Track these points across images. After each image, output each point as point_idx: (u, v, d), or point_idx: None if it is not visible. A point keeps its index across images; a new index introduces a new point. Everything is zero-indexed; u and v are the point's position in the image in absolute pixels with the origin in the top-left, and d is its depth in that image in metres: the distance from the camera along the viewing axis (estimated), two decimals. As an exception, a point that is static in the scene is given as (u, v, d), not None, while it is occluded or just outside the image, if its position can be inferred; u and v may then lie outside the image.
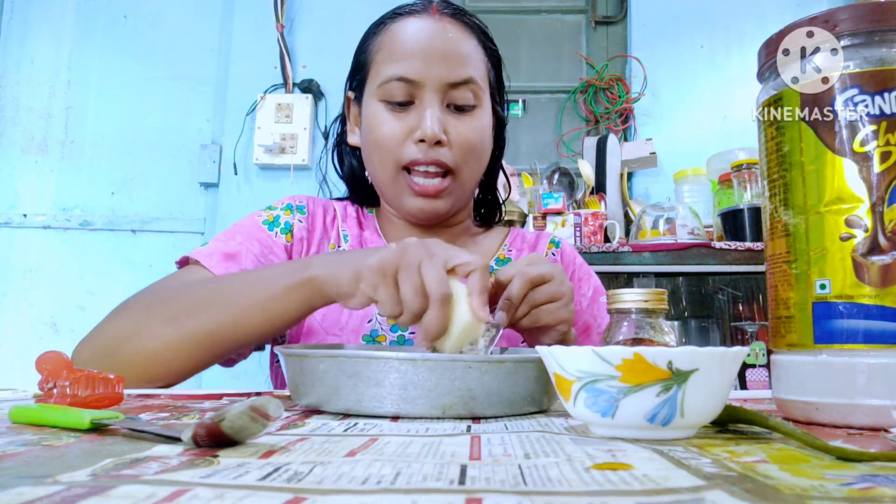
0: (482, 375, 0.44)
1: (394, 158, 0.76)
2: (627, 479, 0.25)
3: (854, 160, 0.42)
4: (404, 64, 0.74)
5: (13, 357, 2.18)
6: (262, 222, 0.80)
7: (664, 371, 0.34)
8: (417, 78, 0.74)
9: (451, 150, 0.75)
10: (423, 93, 0.74)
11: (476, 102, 0.77)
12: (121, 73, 2.37)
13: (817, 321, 0.42)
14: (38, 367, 0.48)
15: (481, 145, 0.78)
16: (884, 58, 0.42)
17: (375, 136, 0.76)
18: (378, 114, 0.76)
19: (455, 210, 0.82)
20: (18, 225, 2.29)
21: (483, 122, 0.78)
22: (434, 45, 0.75)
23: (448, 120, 0.75)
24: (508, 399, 0.45)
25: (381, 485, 0.24)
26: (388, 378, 0.44)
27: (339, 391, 0.45)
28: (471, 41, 0.78)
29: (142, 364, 0.62)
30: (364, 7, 1.55)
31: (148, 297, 0.67)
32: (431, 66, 0.74)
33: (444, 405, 0.44)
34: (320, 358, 0.46)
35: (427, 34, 0.75)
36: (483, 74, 0.79)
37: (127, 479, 0.24)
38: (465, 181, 0.78)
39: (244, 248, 0.75)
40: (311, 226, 0.83)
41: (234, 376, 2.04)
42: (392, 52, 0.76)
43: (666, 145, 2.20)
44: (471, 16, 0.82)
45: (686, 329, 1.76)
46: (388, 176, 0.77)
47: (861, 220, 0.41)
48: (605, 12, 2.42)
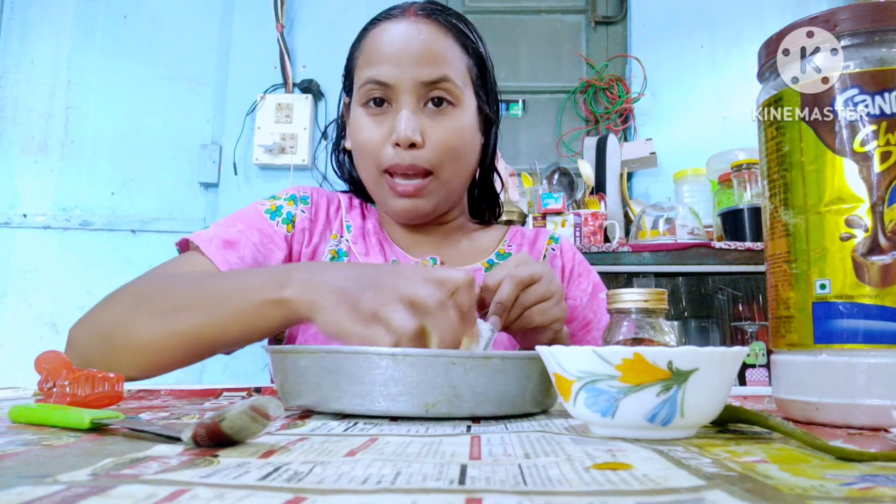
0: (467, 372, 0.42)
1: (375, 163, 0.76)
2: (627, 479, 0.25)
3: (854, 160, 0.42)
4: (378, 67, 0.75)
5: (13, 357, 2.18)
6: (264, 211, 0.80)
7: (664, 371, 0.34)
8: (391, 80, 0.75)
9: (429, 152, 0.75)
10: (399, 95, 0.75)
11: (454, 101, 0.77)
12: (121, 73, 2.37)
13: (817, 321, 0.42)
14: (37, 367, 0.48)
15: (462, 145, 0.78)
16: (884, 58, 0.42)
17: (356, 140, 0.78)
18: (359, 118, 0.78)
19: (442, 209, 0.82)
20: (18, 225, 2.29)
21: (463, 122, 0.78)
22: (407, 47, 0.75)
23: (424, 121, 0.75)
24: (496, 398, 0.43)
25: (381, 485, 0.24)
26: (369, 374, 0.42)
27: (321, 388, 0.43)
28: (446, 40, 0.78)
29: (131, 353, 0.63)
30: (364, 7, 1.55)
31: (141, 286, 0.67)
32: (404, 68, 0.74)
33: (427, 403, 0.42)
34: (301, 354, 0.45)
35: (400, 37, 0.76)
36: (461, 73, 0.78)
37: (127, 479, 0.24)
38: (448, 181, 0.78)
39: (244, 236, 0.75)
40: (314, 216, 0.84)
41: (234, 376, 2.05)
42: (368, 56, 0.77)
43: (666, 145, 2.20)
44: (449, 15, 0.81)
45: (686, 329, 1.76)
46: (372, 179, 0.79)
47: (861, 220, 0.41)
48: (605, 12, 2.42)
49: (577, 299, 0.85)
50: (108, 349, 0.63)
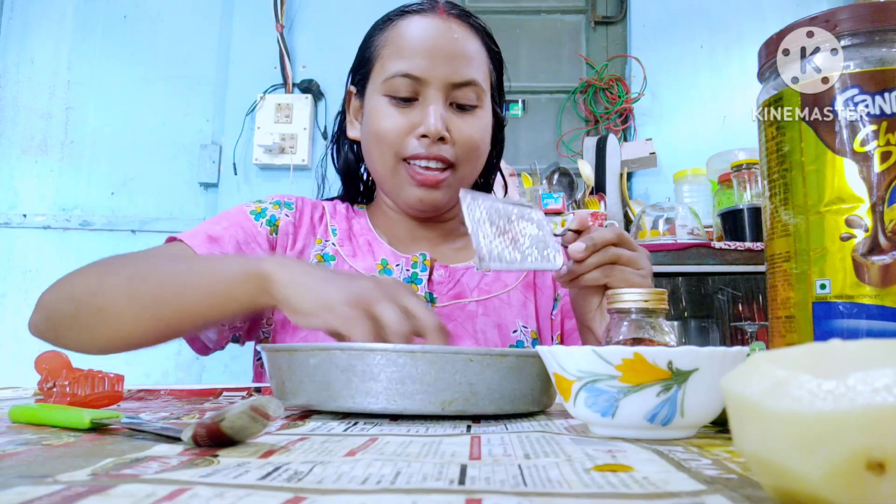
0: (484, 370, 0.42)
1: (394, 151, 0.77)
2: (627, 482, 0.25)
3: (854, 160, 0.42)
4: (410, 61, 0.76)
5: (13, 357, 2.18)
6: (249, 212, 0.82)
7: (664, 371, 0.34)
8: (422, 75, 0.75)
9: (453, 147, 0.77)
10: (427, 90, 0.76)
11: (478, 103, 0.79)
12: (121, 73, 2.37)
13: (817, 321, 0.42)
14: (37, 367, 0.48)
15: (482, 144, 0.80)
16: (884, 58, 0.42)
17: (377, 128, 0.78)
18: (381, 107, 0.78)
19: (452, 205, 0.83)
20: (18, 225, 2.29)
21: (484, 122, 0.80)
22: (440, 45, 0.76)
23: (450, 118, 0.77)
24: (510, 396, 0.44)
25: (381, 484, 0.24)
26: (385, 372, 0.42)
27: (330, 387, 0.43)
28: (475, 43, 0.80)
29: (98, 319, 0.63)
30: (364, 7, 1.55)
31: (117, 258, 0.70)
32: (436, 65, 0.75)
33: (444, 401, 0.42)
34: (311, 352, 0.44)
35: (433, 33, 0.77)
36: (485, 76, 0.80)
37: (127, 479, 0.24)
38: (464, 177, 0.80)
39: (228, 233, 0.77)
40: (298, 222, 0.84)
41: (234, 376, 2.05)
42: (399, 48, 0.78)
43: (666, 145, 2.20)
44: (476, 18, 0.84)
45: (686, 329, 1.76)
46: (387, 167, 0.78)
47: (861, 220, 0.41)
48: (605, 12, 2.42)
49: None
50: (76, 313, 0.63)
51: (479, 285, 0.82)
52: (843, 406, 0.18)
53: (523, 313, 0.81)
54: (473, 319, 0.78)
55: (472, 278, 0.82)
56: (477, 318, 0.79)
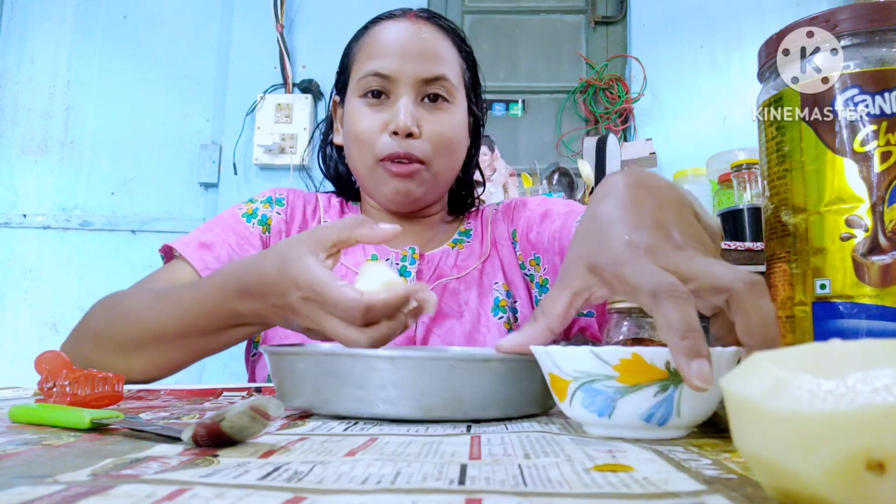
0: (469, 375, 0.41)
1: (371, 152, 0.79)
2: (627, 482, 0.25)
3: (854, 160, 0.42)
4: (380, 60, 0.79)
5: (13, 357, 2.18)
6: (241, 215, 0.83)
7: (662, 371, 0.34)
8: (392, 73, 0.78)
9: (424, 143, 0.78)
10: (398, 88, 0.78)
11: (449, 98, 0.81)
12: (121, 73, 2.37)
13: (817, 321, 0.42)
14: (37, 367, 0.48)
15: (455, 139, 0.82)
16: (884, 58, 0.42)
17: (354, 129, 0.80)
18: (357, 109, 0.81)
19: (429, 200, 0.85)
20: (18, 225, 2.29)
21: (456, 118, 0.82)
22: (409, 44, 0.80)
23: (422, 114, 0.79)
24: (499, 401, 0.42)
25: (381, 484, 0.24)
26: (367, 377, 0.41)
27: (320, 391, 0.43)
28: (445, 42, 0.83)
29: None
30: (364, 8, 1.55)
31: (102, 319, 0.70)
32: (406, 63, 0.78)
33: (427, 407, 0.41)
34: (300, 356, 0.44)
35: (403, 34, 0.81)
36: (457, 74, 0.83)
37: (127, 479, 0.24)
38: (438, 172, 0.81)
39: (220, 238, 0.78)
40: (290, 217, 0.86)
41: (234, 376, 2.05)
42: (371, 50, 0.81)
43: (666, 145, 2.20)
44: (447, 20, 0.87)
45: (686, 329, 1.75)
46: (366, 168, 0.81)
47: (861, 220, 0.41)
48: (605, 12, 2.42)
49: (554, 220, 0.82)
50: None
51: (455, 263, 0.84)
52: (843, 406, 0.18)
53: (492, 271, 0.85)
54: (457, 296, 0.81)
55: (448, 259, 0.85)
56: (460, 294, 0.81)
